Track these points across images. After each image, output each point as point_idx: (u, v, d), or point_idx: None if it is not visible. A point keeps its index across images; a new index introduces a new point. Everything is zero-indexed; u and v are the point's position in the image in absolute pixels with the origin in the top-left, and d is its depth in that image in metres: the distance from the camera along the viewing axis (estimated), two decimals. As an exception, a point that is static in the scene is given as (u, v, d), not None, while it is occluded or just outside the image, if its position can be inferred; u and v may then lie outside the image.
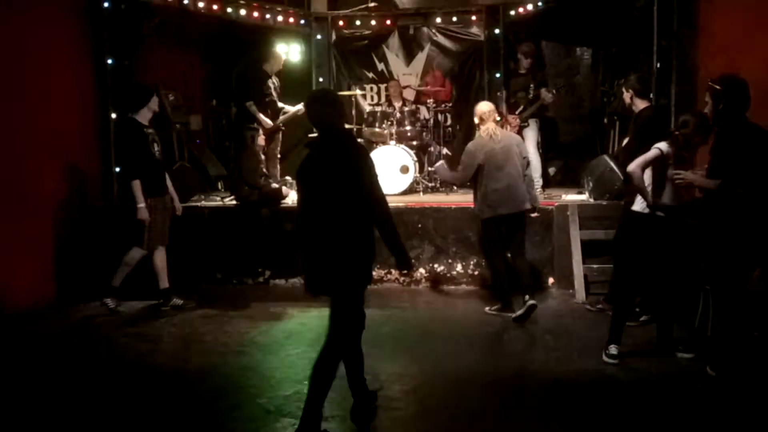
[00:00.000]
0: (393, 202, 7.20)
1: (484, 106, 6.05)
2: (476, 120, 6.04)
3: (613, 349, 4.65)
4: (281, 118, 7.97)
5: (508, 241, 5.98)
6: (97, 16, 7.42)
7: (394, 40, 9.90)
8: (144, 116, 6.09)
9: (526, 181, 5.87)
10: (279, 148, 8.19)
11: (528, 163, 5.97)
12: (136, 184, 5.94)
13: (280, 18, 9.15)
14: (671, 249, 4.64)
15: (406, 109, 8.73)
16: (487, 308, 6.09)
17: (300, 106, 8.00)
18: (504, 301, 5.94)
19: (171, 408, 4.16)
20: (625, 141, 6.15)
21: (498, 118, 6.14)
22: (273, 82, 7.88)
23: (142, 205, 5.94)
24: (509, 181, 5.75)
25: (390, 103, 9.08)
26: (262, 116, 7.56)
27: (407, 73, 9.83)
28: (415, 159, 8.27)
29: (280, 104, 7.92)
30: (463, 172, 6.02)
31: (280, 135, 8.15)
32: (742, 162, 4.04)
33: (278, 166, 8.28)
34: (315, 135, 3.77)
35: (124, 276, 6.19)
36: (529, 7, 8.72)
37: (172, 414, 4.09)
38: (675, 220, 4.58)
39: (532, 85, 8.37)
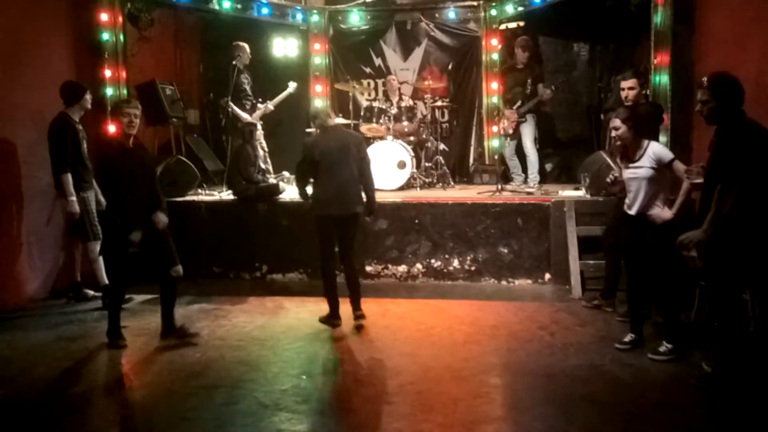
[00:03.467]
0: (390, 198, 7.27)
1: (318, 104, 6.03)
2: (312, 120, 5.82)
3: (662, 347, 4.67)
4: (273, 101, 8.08)
5: (339, 245, 5.63)
6: (93, 11, 7.40)
7: (392, 35, 9.89)
8: (76, 113, 6.18)
9: (364, 183, 5.54)
10: (264, 142, 8.23)
11: (367, 164, 5.59)
12: (67, 178, 5.99)
13: (277, 12, 9.14)
14: (666, 245, 4.66)
15: (403, 104, 8.73)
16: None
17: (290, 89, 8.09)
18: (332, 309, 5.56)
19: (167, 402, 4.18)
20: None
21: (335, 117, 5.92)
22: (247, 77, 7.93)
23: (73, 198, 5.98)
24: (340, 180, 5.41)
25: (387, 99, 9.08)
26: (239, 111, 7.64)
27: (404, 69, 9.82)
28: (412, 154, 8.28)
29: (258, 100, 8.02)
30: (297, 169, 5.73)
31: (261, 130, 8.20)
32: (740, 159, 4.03)
33: (269, 161, 8.30)
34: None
35: (103, 270, 6.23)
36: (526, 2, 8.73)
37: (167, 408, 4.10)
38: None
39: (529, 80, 8.38)
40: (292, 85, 8.39)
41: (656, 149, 4.70)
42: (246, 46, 8.12)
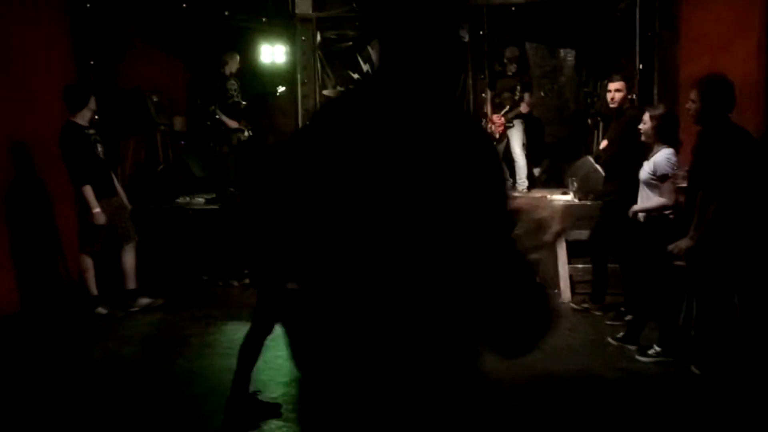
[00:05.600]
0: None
1: None
2: None
3: (651, 350, 4.68)
4: None
5: None
6: (79, 17, 7.35)
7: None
8: (84, 117, 6.01)
9: None
10: None
11: None
12: (88, 189, 5.82)
13: (264, 19, 9.13)
14: (656, 248, 4.68)
15: (391, 110, 8.71)
16: None
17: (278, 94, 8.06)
18: None
19: (156, 412, 4.13)
20: (604, 143, 6.18)
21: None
22: (233, 84, 7.94)
23: (97, 210, 5.82)
24: None
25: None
26: (225, 118, 7.64)
27: (392, 75, 9.82)
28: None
29: (244, 103, 7.96)
30: None
31: None
32: (722, 164, 4.06)
33: None
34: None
35: (94, 281, 6.10)
36: (512, 7, 8.78)
37: (157, 418, 4.06)
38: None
39: (518, 87, 8.43)
40: (279, 90, 8.43)
41: (660, 158, 4.55)
42: (235, 54, 8.13)
